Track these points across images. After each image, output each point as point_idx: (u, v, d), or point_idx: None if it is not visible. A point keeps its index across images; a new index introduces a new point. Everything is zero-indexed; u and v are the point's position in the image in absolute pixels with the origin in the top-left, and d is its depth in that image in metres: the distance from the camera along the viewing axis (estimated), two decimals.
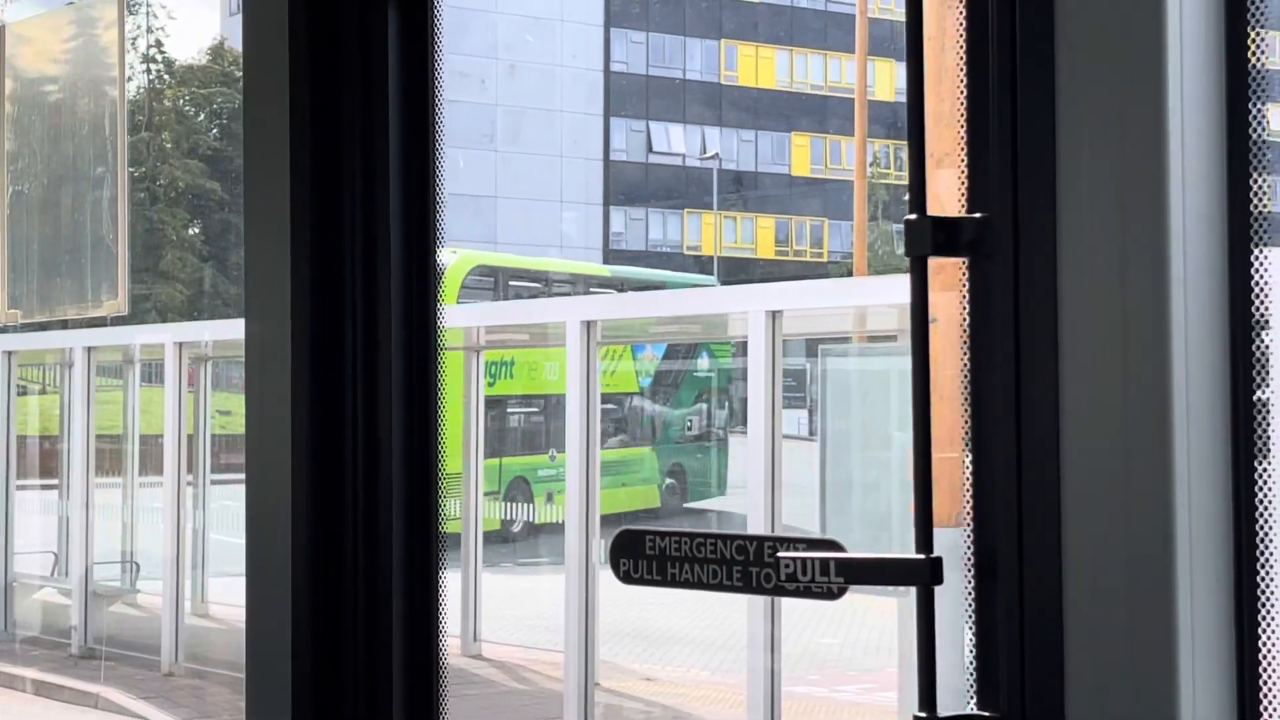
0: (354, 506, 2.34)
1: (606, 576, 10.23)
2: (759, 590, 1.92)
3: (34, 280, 3.33)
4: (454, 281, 17.10)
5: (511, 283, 19.49)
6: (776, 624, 9.20)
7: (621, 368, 17.93)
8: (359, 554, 2.35)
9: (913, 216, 1.75)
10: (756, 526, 8.89)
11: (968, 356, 1.74)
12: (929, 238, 1.73)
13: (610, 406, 18.07)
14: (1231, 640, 1.59)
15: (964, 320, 1.75)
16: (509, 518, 17.13)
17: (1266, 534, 1.60)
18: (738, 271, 39.94)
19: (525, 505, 17.46)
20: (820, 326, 12.38)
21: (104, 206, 3.11)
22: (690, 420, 20.40)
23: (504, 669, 11.94)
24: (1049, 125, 1.66)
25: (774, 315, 9.38)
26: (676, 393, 20.27)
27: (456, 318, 12.04)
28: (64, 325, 13.51)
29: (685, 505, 20.14)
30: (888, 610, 10.51)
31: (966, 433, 1.74)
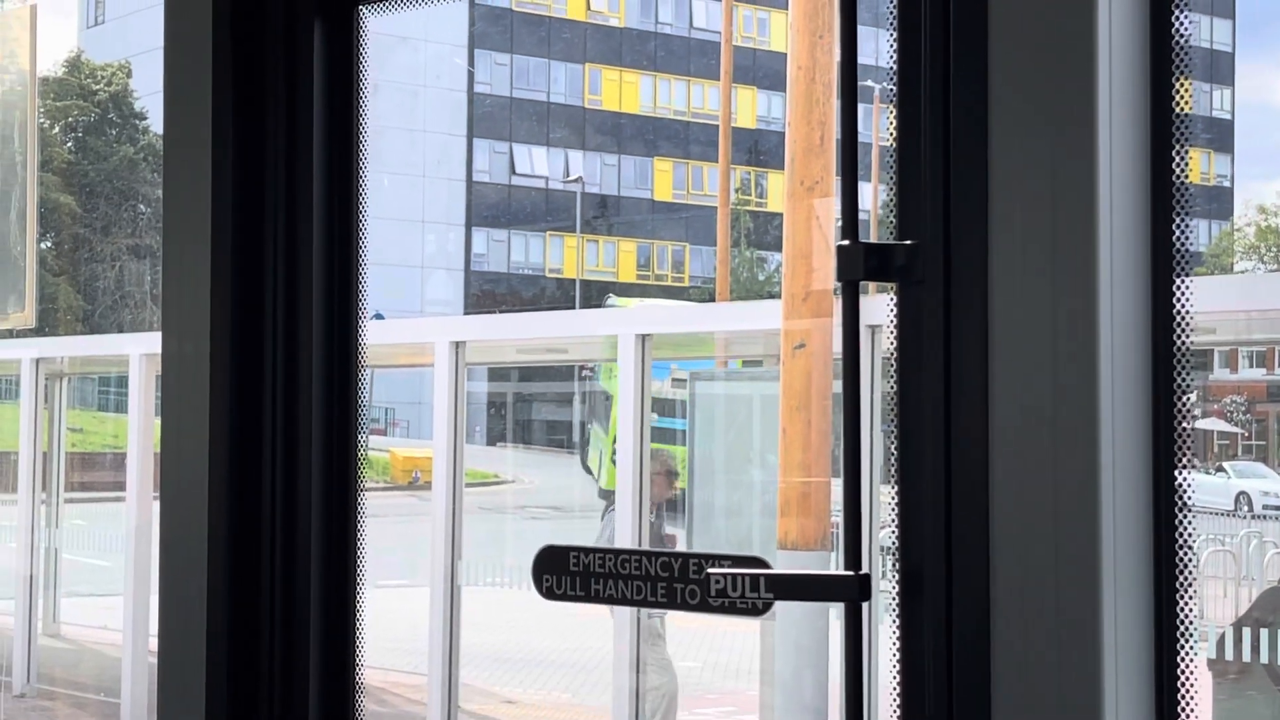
0: (271, 526, 2.33)
1: (469, 595, 10.21)
2: (684, 606, 1.95)
3: None
4: None
5: None
6: (643, 647, 9.24)
7: None
8: (275, 575, 2.33)
9: (845, 242, 1.79)
10: (625, 546, 8.92)
11: (896, 380, 1.79)
12: (861, 263, 1.77)
13: None
14: (1152, 655, 1.65)
15: (892, 344, 1.79)
16: None
17: (1186, 553, 1.66)
18: (599, 295, 39.95)
19: None
20: (687, 351, 12.47)
21: (11, 220, 3.07)
22: None
23: (365, 692, 11.82)
24: (981, 154, 1.70)
25: (643, 339, 9.43)
26: None
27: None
28: None
29: None
30: (748, 633, 10.59)
31: (891, 453, 1.79)
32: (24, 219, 3.04)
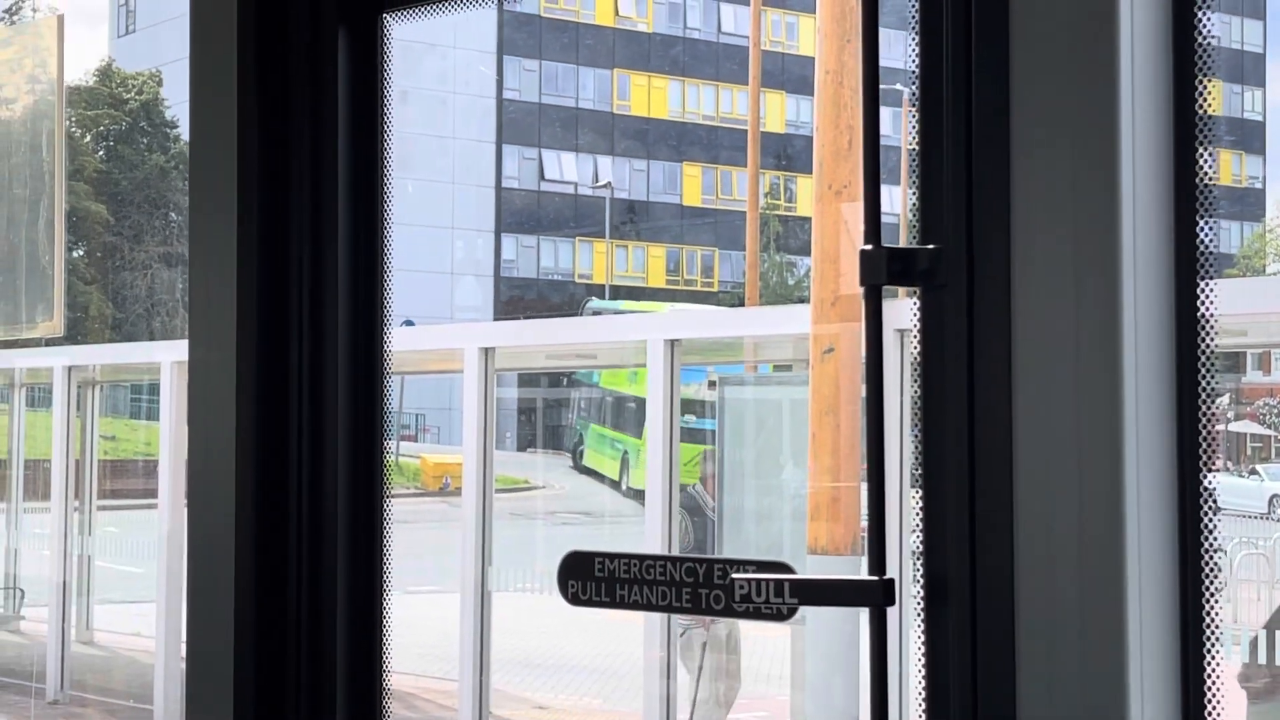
0: (298, 530, 2.34)
1: (499, 601, 10.22)
2: (708, 611, 1.95)
3: None
4: None
5: None
6: (673, 652, 9.23)
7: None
8: (302, 580, 2.34)
9: (868, 247, 1.79)
10: (654, 550, 8.92)
11: (919, 384, 1.78)
12: (884, 268, 1.77)
13: None
14: (1178, 664, 1.64)
15: (915, 348, 1.79)
16: None
17: (1212, 556, 1.65)
18: (629, 300, 39.91)
19: None
20: (715, 356, 12.48)
21: (39, 228, 3.10)
22: None
23: (396, 697, 11.86)
24: (1004, 157, 1.70)
25: (672, 344, 9.44)
26: None
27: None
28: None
29: None
30: (779, 638, 10.57)
31: (917, 458, 1.78)
32: (52, 228, 3.06)
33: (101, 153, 35.63)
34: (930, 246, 1.76)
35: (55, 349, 13.83)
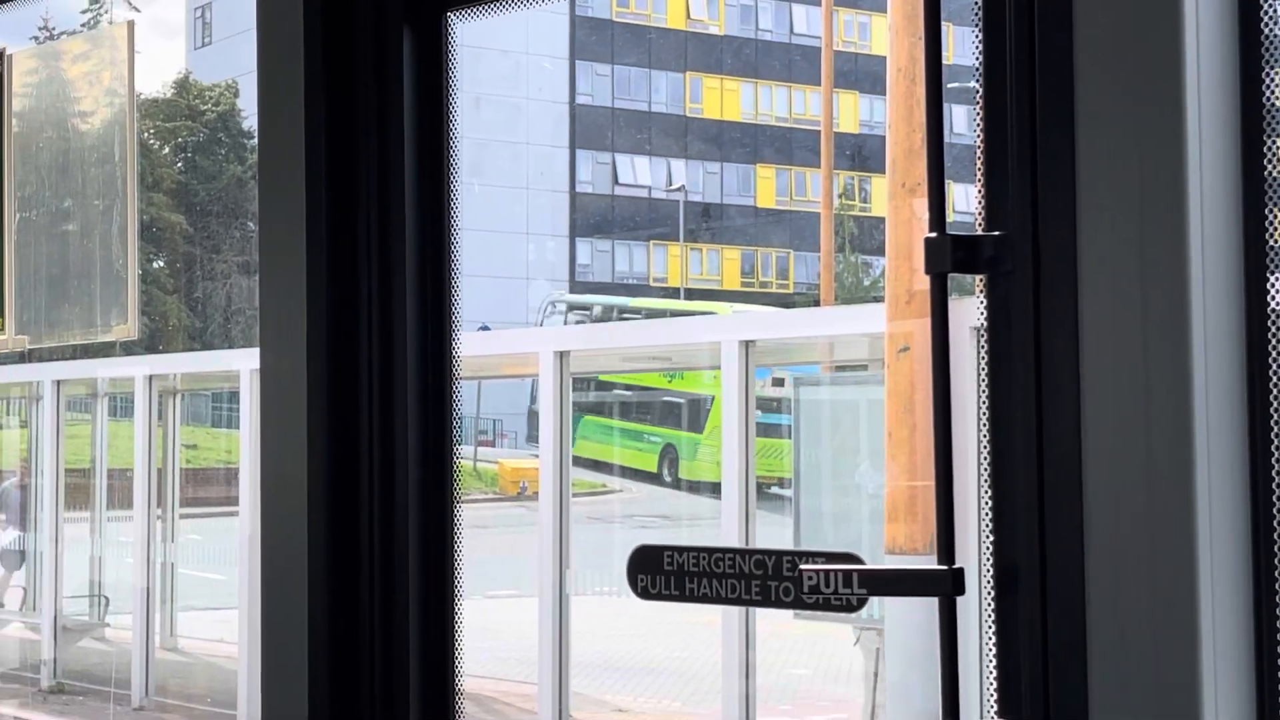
0: (370, 535, 2.35)
1: (578, 604, 10.23)
2: (778, 604, 1.95)
3: (42, 306, 3.37)
4: None
5: None
6: (751, 651, 9.22)
7: None
8: (375, 584, 2.36)
9: (933, 235, 1.78)
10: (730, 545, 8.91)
11: (986, 372, 1.77)
12: (949, 255, 1.76)
13: None
14: (1252, 651, 1.63)
15: (981, 335, 1.78)
16: None
17: None
18: (702, 300, 39.89)
19: None
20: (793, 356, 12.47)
21: (113, 233, 3.15)
22: None
23: (476, 701, 11.93)
24: (1069, 144, 1.69)
25: (747, 345, 9.44)
26: None
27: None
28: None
29: None
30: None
31: (985, 447, 1.77)
32: (125, 234, 3.11)
33: (180, 164, 35.98)
34: (995, 234, 1.76)
35: (136, 358, 13.97)
